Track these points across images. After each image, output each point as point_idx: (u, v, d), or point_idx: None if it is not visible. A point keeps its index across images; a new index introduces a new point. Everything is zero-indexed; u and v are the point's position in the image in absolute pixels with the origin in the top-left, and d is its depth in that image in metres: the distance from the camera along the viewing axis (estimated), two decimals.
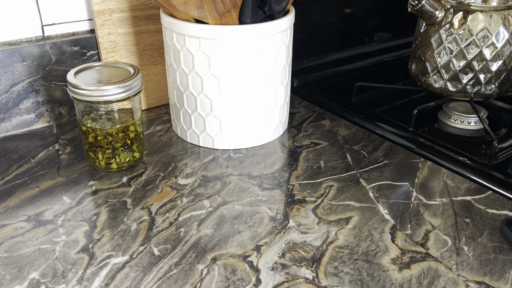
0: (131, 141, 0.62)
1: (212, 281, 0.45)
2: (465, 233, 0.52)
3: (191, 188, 0.59)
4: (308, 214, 0.55)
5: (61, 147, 0.68)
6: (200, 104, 0.65)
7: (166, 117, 0.77)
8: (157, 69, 0.78)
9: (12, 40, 0.70)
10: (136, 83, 0.59)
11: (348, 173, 0.63)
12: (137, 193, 0.58)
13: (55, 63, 0.72)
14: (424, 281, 0.46)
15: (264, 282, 0.45)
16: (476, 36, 0.68)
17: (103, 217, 0.54)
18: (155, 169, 0.63)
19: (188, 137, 0.70)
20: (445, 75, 0.72)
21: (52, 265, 0.47)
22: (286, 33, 0.65)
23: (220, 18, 0.60)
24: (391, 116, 0.78)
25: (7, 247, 0.49)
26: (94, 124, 0.60)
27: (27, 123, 0.72)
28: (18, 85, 0.70)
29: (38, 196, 0.57)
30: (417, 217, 0.55)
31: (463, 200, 0.58)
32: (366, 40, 1.02)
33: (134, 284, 0.45)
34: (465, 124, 0.75)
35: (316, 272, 0.47)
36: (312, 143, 0.70)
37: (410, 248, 0.50)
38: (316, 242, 0.51)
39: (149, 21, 0.75)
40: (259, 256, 0.49)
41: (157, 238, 0.51)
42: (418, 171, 0.63)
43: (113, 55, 0.74)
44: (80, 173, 0.62)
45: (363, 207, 0.56)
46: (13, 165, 0.63)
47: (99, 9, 0.70)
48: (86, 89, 0.56)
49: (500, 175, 0.62)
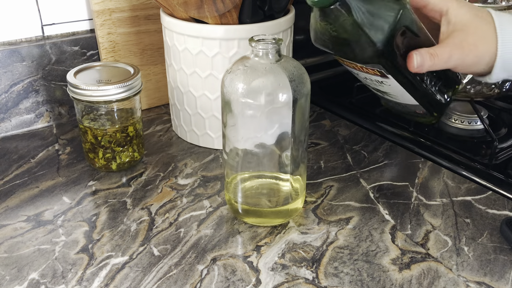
0: (131, 141, 0.61)
1: (212, 281, 0.45)
2: (465, 234, 0.52)
3: (191, 188, 0.59)
4: (308, 214, 0.55)
5: (61, 147, 0.68)
6: (200, 104, 0.65)
7: (166, 117, 0.77)
8: (157, 69, 0.78)
9: (12, 40, 0.70)
10: (136, 83, 0.59)
11: (348, 173, 0.63)
12: (137, 193, 0.58)
13: (55, 63, 0.72)
14: (424, 281, 0.46)
15: (264, 283, 0.45)
16: None
17: (102, 217, 0.54)
18: (155, 169, 0.63)
19: (188, 137, 0.70)
20: None
21: (52, 266, 0.47)
22: (286, 33, 0.65)
23: (220, 18, 0.60)
24: (391, 116, 0.77)
25: (7, 248, 0.49)
26: (94, 124, 0.59)
27: (27, 123, 0.72)
28: (18, 85, 0.70)
29: (38, 196, 0.57)
30: (417, 217, 0.55)
31: (463, 200, 0.58)
32: None
33: (134, 284, 0.45)
34: (466, 124, 0.75)
35: (316, 273, 0.47)
36: (312, 143, 0.70)
37: (410, 248, 0.50)
38: (316, 243, 0.51)
39: (149, 21, 0.75)
40: (259, 256, 0.49)
41: (157, 238, 0.51)
42: (418, 171, 0.63)
43: (113, 55, 0.73)
44: (80, 173, 0.62)
45: (363, 207, 0.56)
46: (13, 165, 0.63)
47: (99, 9, 0.70)
48: (86, 89, 0.56)
49: (501, 175, 0.62)
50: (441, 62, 0.46)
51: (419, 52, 0.45)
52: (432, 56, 0.45)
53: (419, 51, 0.45)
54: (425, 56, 0.45)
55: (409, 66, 0.46)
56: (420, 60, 0.45)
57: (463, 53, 0.46)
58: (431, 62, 0.45)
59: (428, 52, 0.45)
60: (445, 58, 0.46)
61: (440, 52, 0.46)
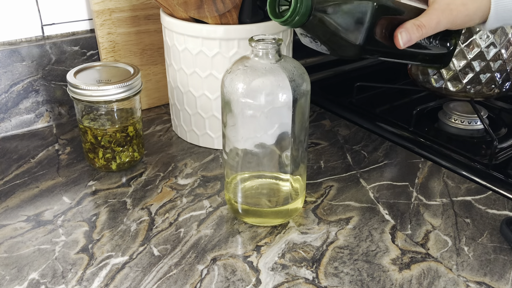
0: (131, 141, 0.61)
1: (212, 281, 0.45)
2: (465, 234, 0.52)
3: (191, 188, 0.59)
4: (308, 214, 0.55)
5: (60, 147, 0.68)
6: (200, 104, 0.65)
7: (166, 117, 0.77)
8: (157, 69, 0.78)
9: (12, 40, 0.70)
10: (136, 83, 0.59)
11: (348, 173, 0.63)
12: (137, 193, 0.58)
13: (55, 63, 0.72)
14: (424, 281, 0.46)
15: (264, 283, 0.45)
16: (476, 36, 0.68)
17: (102, 217, 0.54)
18: (155, 169, 0.63)
19: (188, 137, 0.70)
20: (445, 75, 0.72)
21: (52, 266, 0.47)
22: (286, 33, 0.65)
23: (220, 18, 0.60)
24: (391, 116, 0.77)
25: (7, 248, 0.49)
26: (94, 124, 0.59)
27: (26, 123, 0.72)
28: (18, 85, 0.70)
29: (38, 196, 0.57)
30: (417, 217, 0.55)
31: (463, 200, 0.58)
32: None
33: (133, 284, 0.45)
34: (465, 124, 0.75)
35: (316, 273, 0.47)
36: (312, 143, 0.70)
37: (410, 248, 0.50)
38: (316, 243, 0.51)
39: (149, 21, 0.75)
40: (259, 256, 0.49)
41: (156, 238, 0.51)
42: (418, 171, 0.63)
43: (113, 55, 0.73)
44: (79, 173, 0.62)
45: (363, 207, 0.56)
46: (13, 165, 0.63)
47: (99, 9, 0.70)
48: (86, 89, 0.56)
49: (501, 175, 0.62)
50: (430, 30, 0.44)
51: (404, 28, 0.44)
52: (419, 28, 0.44)
53: (404, 27, 0.44)
54: (411, 30, 0.44)
55: (397, 46, 0.45)
56: (406, 36, 0.44)
57: (451, 15, 0.44)
58: (419, 33, 0.44)
59: (414, 24, 0.44)
60: (433, 25, 0.44)
61: (427, 21, 0.44)
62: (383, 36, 0.45)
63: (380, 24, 0.44)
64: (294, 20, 0.43)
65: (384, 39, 0.45)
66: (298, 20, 0.43)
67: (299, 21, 0.43)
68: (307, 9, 0.43)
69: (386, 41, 0.46)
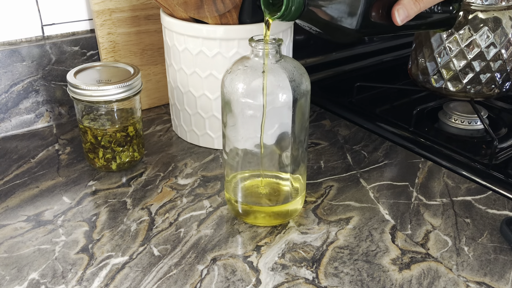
0: (131, 141, 0.61)
1: (212, 281, 0.45)
2: (466, 234, 0.52)
3: (191, 188, 0.59)
4: (308, 214, 0.55)
5: (60, 147, 0.68)
6: (200, 104, 0.65)
7: (166, 117, 0.77)
8: (157, 69, 0.78)
9: (12, 40, 0.70)
10: (136, 83, 0.59)
11: (348, 173, 0.63)
12: (137, 193, 0.58)
13: (55, 63, 0.72)
14: (424, 281, 0.46)
15: (264, 283, 0.45)
16: (477, 36, 0.68)
17: (102, 217, 0.54)
18: (155, 169, 0.63)
19: (188, 137, 0.70)
20: (446, 75, 0.72)
21: (52, 266, 0.47)
22: (286, 33, 0.65)
23: (220, 18, 0.60)
24: (391, 116, 0.77)
25: (7, 248, 0.49)
26: (94, 124, 0.59)
27: (27, 123, 0.72)
28: (18, 85, 0.70)
29: (38, 196, 0.57)
30: (417, 217, 0.55)
31: (464, 200, 0.58)
32: (366, 40, 1.02)
33: (133, 284, 0.45)
34: (466, 124, 0.75)
35: (316, 273, 0.47)
36: (312, 143, 0.70)
37: (410, 248, 0.50)
38: (316, 243, 0.51)
39: (149, 21, 0.75)
40: (259, 256, 0.49)
41: (157, 238, 0.51)
42: (419, 171, 0.63)
43: (113, 55, 0.73)
44: (80, 173, 0.62)
45: (363, 207, 0.56)
46: (13, 165, 0.63)
47: (99, 9, 0.70)
48: (86, 89, 0.56)
49: (501, 175, 0.62)
50: (428, 2, 0.43)
51: (401, 4, 0.43)
52: (417, 2, 0.43)
53: (401, 3, 0.43)
54: (408, 6, 0.43)
55: (395, 23, 0.44)
56: (404, 13, 0.43)
57: None
58: (416, 8, 0.43)
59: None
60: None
61: None
62: (381, 16, 0.45)
63: (376, 6, 0.44)
64: (290, 14, 0.43)
65: (382, 19, 0.45)
66: (293, 15, 0.43)
67: (293, 15, 0.44)
68: (300, 4, 0.43)
69: (384, 20, 0.45)
